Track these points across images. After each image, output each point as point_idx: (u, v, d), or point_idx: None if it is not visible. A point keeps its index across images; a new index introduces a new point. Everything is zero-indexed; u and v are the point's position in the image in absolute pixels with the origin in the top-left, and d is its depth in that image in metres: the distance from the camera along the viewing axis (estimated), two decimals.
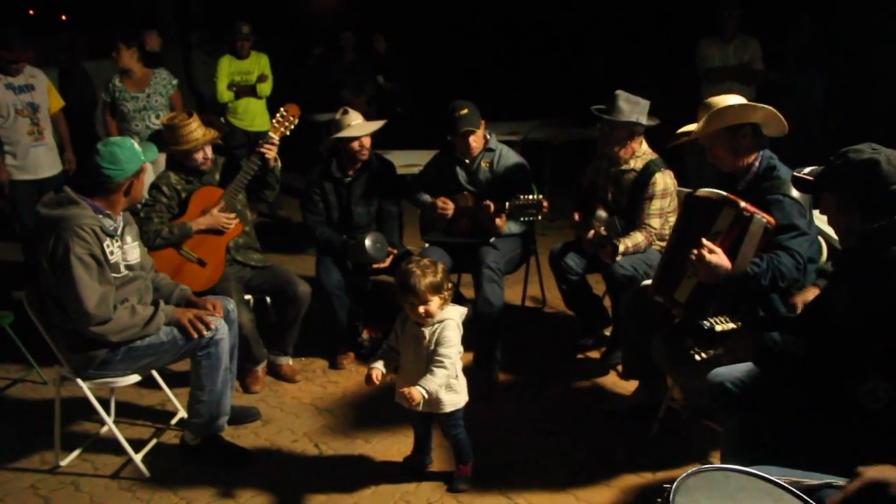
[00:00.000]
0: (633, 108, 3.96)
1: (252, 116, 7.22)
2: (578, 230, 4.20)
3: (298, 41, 9.98)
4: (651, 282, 3.43)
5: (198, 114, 4.06)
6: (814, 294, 2.84)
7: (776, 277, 2.89)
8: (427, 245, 4.55)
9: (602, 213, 4.10)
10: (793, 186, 3.03)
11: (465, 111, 4.25)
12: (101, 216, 3.15)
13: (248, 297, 4.27)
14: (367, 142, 4.38)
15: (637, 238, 3.92)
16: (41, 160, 5.24)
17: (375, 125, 4.44)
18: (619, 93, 3.99)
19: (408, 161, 6.28)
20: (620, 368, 4.16)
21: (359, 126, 4.34)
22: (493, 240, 4.29)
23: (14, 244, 6.14)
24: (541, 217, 4.07)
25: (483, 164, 4.42)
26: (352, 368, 4.44)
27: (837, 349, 2.42)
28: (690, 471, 2.00)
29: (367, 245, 4.24)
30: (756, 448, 2.39)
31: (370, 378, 3.04)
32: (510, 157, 4.44)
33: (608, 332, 4.49)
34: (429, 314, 2.99)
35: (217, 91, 7.09)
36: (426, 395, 2.94)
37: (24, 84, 5.11)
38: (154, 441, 3.67)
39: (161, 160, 4.72)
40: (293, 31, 10.33)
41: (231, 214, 4.06)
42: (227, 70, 7.09)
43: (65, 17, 11.87)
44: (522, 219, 4.10)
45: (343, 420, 3.87)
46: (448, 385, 3.05)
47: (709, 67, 6.56)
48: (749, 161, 3.19)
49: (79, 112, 6.34)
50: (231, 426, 3.63)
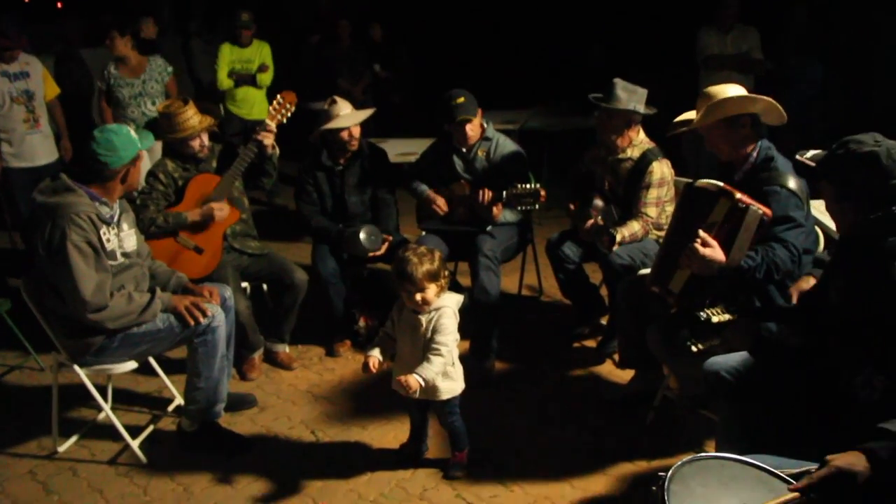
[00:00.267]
0: (631, 97, 3.95)
1: (251, 105, 7.18)
2: (575, 219, 4.20)
3: (295, 29, 9.94)
4: (649, 272, 3.44)
5: (194, 101, 4.06)
6: (809, 284, 2.84)
7: (771, 270, 2.89)
8: (424, 233, 4.55)
9: (599, 202, 4.10)
10: (790, 176, 3.06)
11: (462, 99, 4.24)
12: (98, 204, 3.15)
13: (245, 285, 4.27)
14: (357, 131, 4.36)
15: (634, 227, 3.92)
16: (37, 148, 5.23)
17: (363, 114, 4.42)
18: (617, 81, 3.98)
19: (404, 150, 6.26)
20: (616, 357, 4.17)
21: (346, 116, 4.32)
22: (490, 228, 4.29)
23: (7, 232, 6.12)
24: (538, 206, 4.06)
25: (480, 153, 4.41)
26: (348, 356, 4.45)
27: (833, 340, 2.43)
28: (685, 459, 2.01)
29: (362, 238, 4.24)
30: (751, 437, 2.40)
31: (367, 366, 3.06)
32: (507, 146, 4.43)
33: (604, 321, 4.50)
34: (425, 302, 2.99)
35: (217, 78, 7.06)
36: (423, 383, 2.95)
37: (20, 71, 5.09)
38: (151, 428, 3.68)
39: (157, 148, 4.70)
40: (289, 20, 10.29)
41: (224, 203, 4.05)
42: (228, 58, 7.04)
43: (60, 5, 11.80)
44: (519, 208, 4.09)
45: (339, 407, 3.88)
46: (445, 373, 3.06)
47: (707, 55, 6.54)
48: (747, 151, 3.19)
49: (75, 100, 6.31)
50: (228, 413, 3.64)
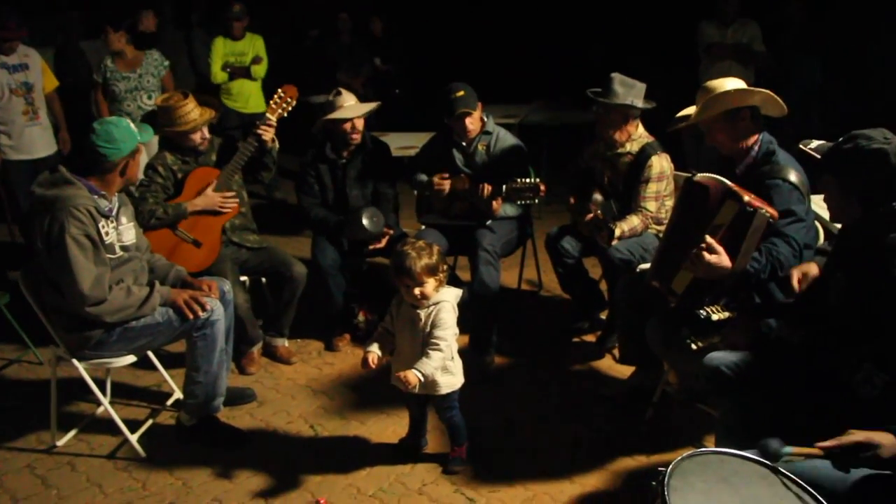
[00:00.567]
0: (629, 92, 3.93)
1: (246, 98, 7.15)
2: (574, 214, 4.19)
3: (294, 23, 9.92)
4: (649, 266, 3.43)
5: (194, 94, 4.04)
6: (812, 269, 2.80)
7: (775, 268, 2.87)
8: (423, 227, 4.54)
9: (598, 197, 4.09)
10: (791, 170, 3.04)
11: (462, 93, 4.22)
12: (97, 196, 3.14)
13: (244, 279, 4.26)
14: (360, 123, 4.35)
15: (633, 222, 3.91)
16: (36, 140, 5.22)
17: (368, 107, 4.41)
18: (615, 75, 3.96)
19: (404, 143, 6.25)
20: (616, 352, 4.17)
21: (351, 108, 4.31)
22: (490, 222, 4.29)
23: (7, 225, 6.11)
24: (537, 200, 4.05)
25: (480, 147, 4.40)
26: (347, 350, 4.45)
27: (833, 336, 2.42)
28: (686, 454, 2.01)
29: (364, 220, 4.21)
30: (751, 432, 2.40)
31: (366, 362, 3.05)
32: (507, 140, 4.42)
33: (604, 316, 4.50)
34: (424, 296, 2.98)
35: (211, 73, 7.04)
36: (422, 379, 2.94)
37: (19, 63, 5.08)
38: (150, 422, 3.68)
39: (153, 141, 4.69)
40: (289, 13, 10.27)
41: (229, 193, 4.03)
42: (222, 51, 7.01)
43: None
44: (519, 202, 4.09)
45: (338, 401, 3.88)
46: (444, 367, 3.05)
47: (709, 43, 6.53)
48: (748, 144, 3.17)
49: (75, 92, 6.29)
50: (227, 407, 3.64)
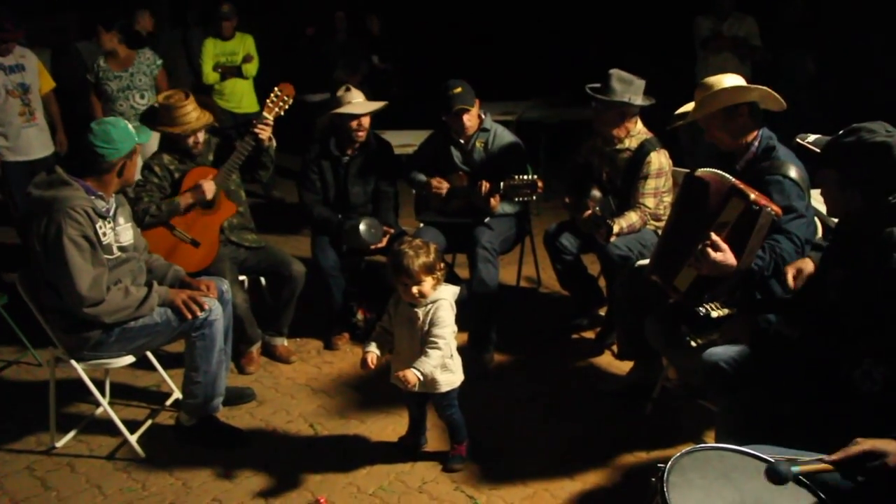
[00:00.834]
0: (626, 88, 3.93)
1: (239, 98, 7.13)
2: (573, 210, 4.19)
3: (291, 21, 9.91)
4: (648, 262, 3.42)
5: (194, 95, 4.02)
6: (807, 265, 2.80)
7: (778, 265, 2.86)
8: (422, 225, 4.54)
9: (596, 193, 4.08)
10: (792, 166, 3.03)
11: (459, 89, 4.22)
12: (94, 197, 3.13)
13: (243, 278, 4.25)
14: (366, 122, 4.34)
15: (632, 218, 3.91)
16: (32, 141, 5.20)
17: (376, 105, 4.40)
18: (613, 72, 3.96)
19: (402, 141, 6.24)
20: (615, 349, 4.17)
21: (360, 104, 4.31)
22: (488, 220, 4.29)
23: (5, 227, 6.10)
24: (535, 197, 4.05)
25: (478, 144, 4.39)
26: (346, 349, 4.44)
27: (833, 331, 2.42)
28: (685, 450, 2.00)
29: (362, 230, 4.23)
30: (750, 427, 2.40)
31: (365, 362, 3.04)
32: (505, 137, 4.42)
33: (603, 313, 4.50)
34: (422, 295, 2.98)
35: (203, 73, 7.02)
36: (421, 378, 2.95)
37: (15, 64, 5.07)
38: (149, 422, 3.67)
39: (153, 142, 4.67)
40: (286, 11, 10.25)
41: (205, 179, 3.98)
42: (212, 52, 6.99)
43: None
44: (517, 199, 4.08)
45: (338, 400, 3.88)
46: (443, 365, 3.05)
47: (706, 36, 6.53)
48: (748, 140, 3.16)
49: (71, 93, 6.28)
50: (226, 407, 3.63)
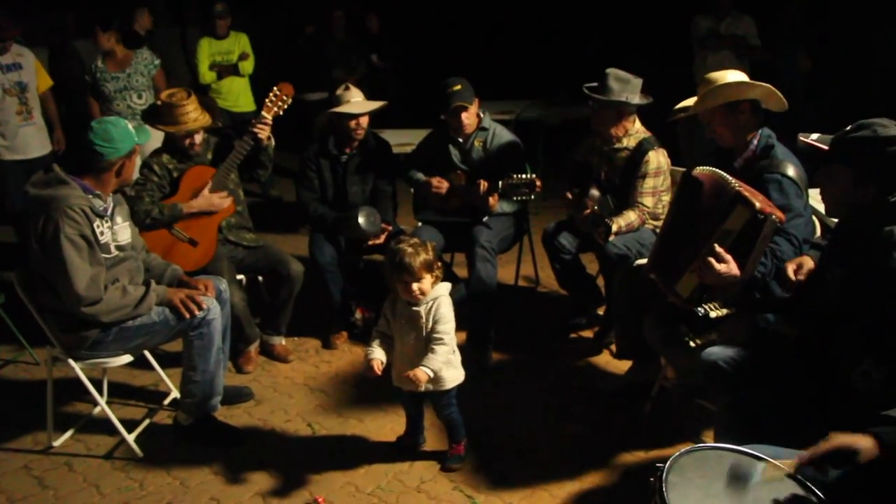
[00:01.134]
0: (624, 88, 3.92)
1: (235, 97, 7.12)
2: (571, 209, 4.18)
3: (289, 20, 9.90)
4: (646, 261, 3.42)
5: (196, 95, 4.01)
6: (806, 262, 2.78)
7: (778, 267, 2.86)
8: (420, 224, 4.54)
9: (595, 192, 4.07)
10: (790, 165, 3.03)
11: (458, 87, 4.21)
12: (91, 196, 3.12)
13: (241, 277, 4.25)
14: (365, 121, 4.34)
15: (630, 217, 3.91)
16: (30, 140, 5.20)
17: (375, 105, 4.39)
18: (610, 71, 3.95)
19: (401, 140, 6.23)
20: (614, 348, 4.17)
21: (358, 104, 4.31)
22: (486, 219, 4.28)
23: (2, 227, 6.09)
24: (534, 196, 4.05)
25: (476, 143, 4.39)
26: (345, 348, 4.44)
27: (832, 331, 2.42)
28: (683, 450, 2.00)
29: (361, 220, 4.22)
30: (749, 427, 2.39)
31: (372, 369, 3.01)
32: (504, 136, 4.41)
33: (601, 312, 4.50)
34: (422, 292, 2.98)
35: (199, 73, 7.01)
36: (431, 375, 2.96)
37: (12, 63, 5.06)
38: (147, 421, 3.67)
39: (157, 137, 4.64)
40: (285, 10, 10.25)
41: (223, 193, 4.02)
42: (208, 51, 6.98)
43: None
44: (515, 198, 4.08)
45: (336, 400, 3.87)
46: (448, 361, 3.06)
47: (704, 35, 6.53)
48: (748, 138, 3.17)
49: (69, 91, 6.27)
50: (224, 406, 3.63)
